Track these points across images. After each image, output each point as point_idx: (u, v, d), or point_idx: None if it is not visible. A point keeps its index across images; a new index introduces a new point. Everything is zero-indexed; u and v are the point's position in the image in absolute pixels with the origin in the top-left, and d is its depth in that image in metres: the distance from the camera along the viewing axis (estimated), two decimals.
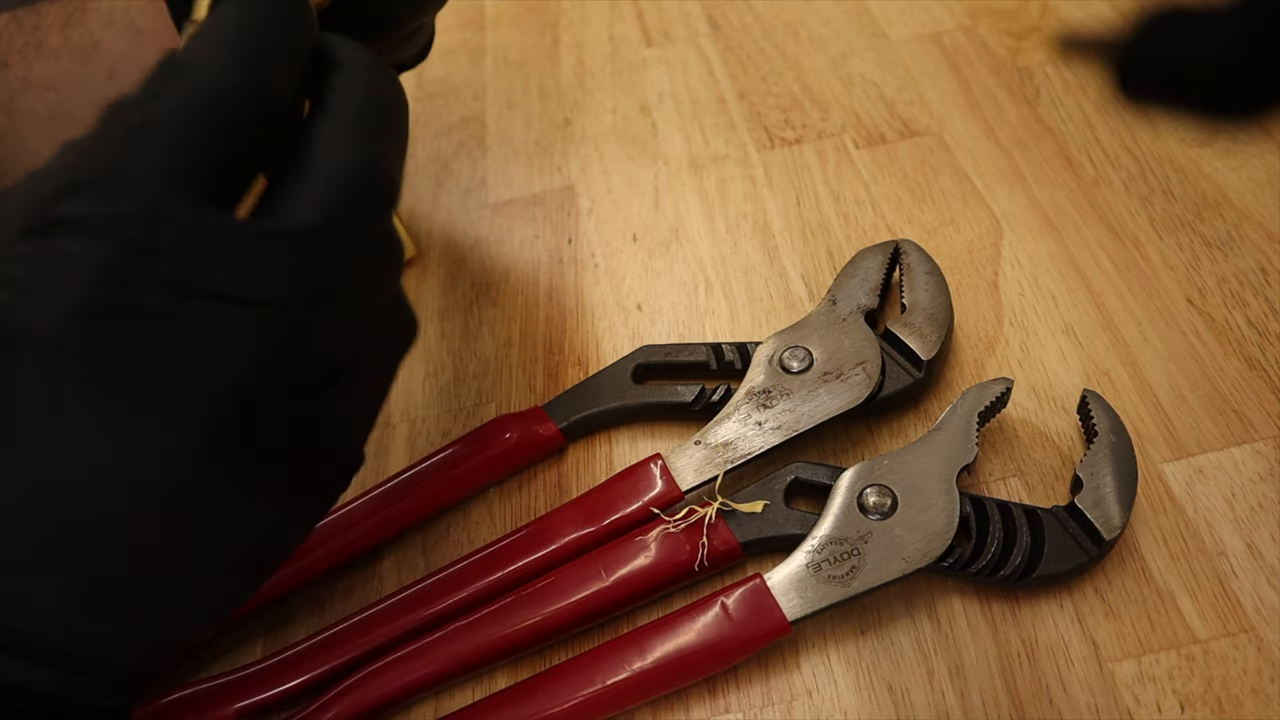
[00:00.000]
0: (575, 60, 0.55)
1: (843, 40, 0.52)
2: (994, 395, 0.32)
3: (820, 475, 0.33)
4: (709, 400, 0.36)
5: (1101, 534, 0.30)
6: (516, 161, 0.50)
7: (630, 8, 0.58)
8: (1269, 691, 0.28)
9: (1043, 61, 0.49)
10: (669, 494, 0.33)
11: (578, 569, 0.32)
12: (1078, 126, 0.45)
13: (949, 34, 0.51)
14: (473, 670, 0.32)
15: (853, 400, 0.34)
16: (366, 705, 0.31)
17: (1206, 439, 0.34)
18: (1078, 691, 0.29)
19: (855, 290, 0.37)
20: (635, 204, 0.46)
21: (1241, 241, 0.39)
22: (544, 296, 0.44)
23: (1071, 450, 0.34)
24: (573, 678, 0.30)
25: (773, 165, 0.47)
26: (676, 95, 0.52)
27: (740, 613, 0.30)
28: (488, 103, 0.54)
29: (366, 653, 0.33)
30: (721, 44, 0.54)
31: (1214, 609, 0.30)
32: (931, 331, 0.36)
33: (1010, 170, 0.44)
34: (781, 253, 0.43)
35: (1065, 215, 0.42)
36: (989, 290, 0.40)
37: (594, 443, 0.38)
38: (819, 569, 0.30)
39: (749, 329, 0.40)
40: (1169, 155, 0.43)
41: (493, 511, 0.37)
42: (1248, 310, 0.37)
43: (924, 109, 0.48)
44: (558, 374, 0.41)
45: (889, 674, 0.30)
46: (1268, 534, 0.31)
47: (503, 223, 0.47)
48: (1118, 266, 0.39)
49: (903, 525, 0.30)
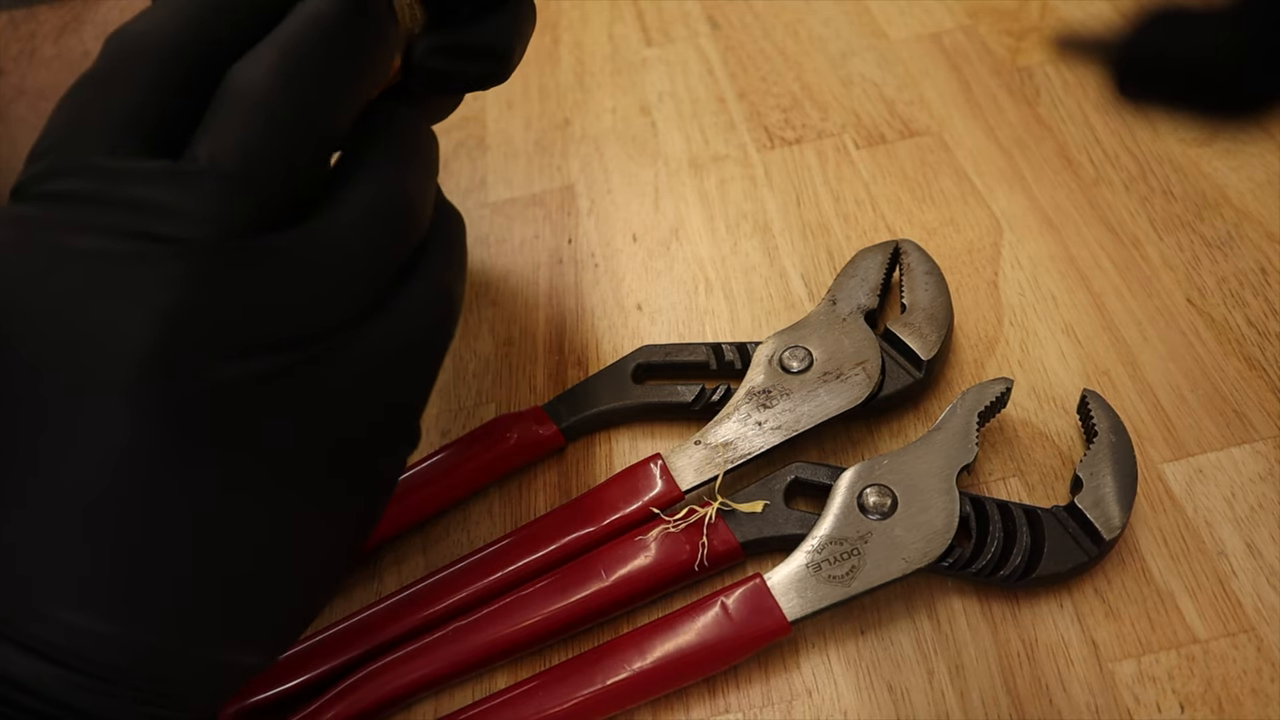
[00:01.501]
0: (575, 60, 0.55)
1: (843, 40, 0.52)
2: (994, 395, 0.32)
3: (820, 475, 0.33)
4: (709, 400, 0.36)
5: (1101, 534, 0.30)
6: (516, 161, 0.50)
7: (630, 8, 0.58)
8: (1269, 691, 0.28)
9: (1043, 61, 0.49)
10: (669, 494, 0.33)
11: (578, 569, 0.32)
12: (1078, 126, 0.45)
13: (949, 34, 0.51)
14: (473, 670, 0.32)
15: (853, 400, 0.34)
16: (366, 705, 0.31)
17: (1206, 439, 0.34)
18: (1078, 691, 0.29)
19: (855, 290, 0.37)
20: (635, 204, 0.47)
21: (1241, 241, 0.39)
22: (544, 296, 0.44)
23: (1071, 450, 0.34)
24: (573, 678, 0.30)
25: (773, 165, 0.47)
26: (676, 95, 0.52)
27: (740, 613, 0.30)
28: (487, 102, 0.54)
29: (366, 653, 0.33)
30: (721, 44, 0.54)
31: (1214, 609, 0.30)
32: (931, 331, 0.36)
33: (1010, 170, 0.44)
34: (781, 253, 0.43)
35: (1065, 215, 0.42)
36: (989, 290, 0.40)
37: (594, 443, 0.38)
38: (819, 569, 0.30)
39: (749, 329, 0.40)
40: (1169, 155, 0.43)
41: (493, 511, 0.37)
42: (1248, 310, 0.37)
43: (924, 109, 0.48)
44: (558, 374, 0.41)
45: (889, 674, 0.30)
46: (1268, 534, 0.31)
47: (502, 222, 0.47)
48: (1118, 266, 0.39)
49: (903, 525, 0.30)
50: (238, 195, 0.19)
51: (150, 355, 0.18)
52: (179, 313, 0.19)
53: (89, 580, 0.19)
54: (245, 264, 0.19)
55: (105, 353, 0.18)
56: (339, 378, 0.21)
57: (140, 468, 0.19)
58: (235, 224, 0.19)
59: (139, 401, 0.18)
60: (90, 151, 0.19)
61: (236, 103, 0.20)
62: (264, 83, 0.20)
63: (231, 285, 0.19)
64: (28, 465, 0.19)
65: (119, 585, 0.20)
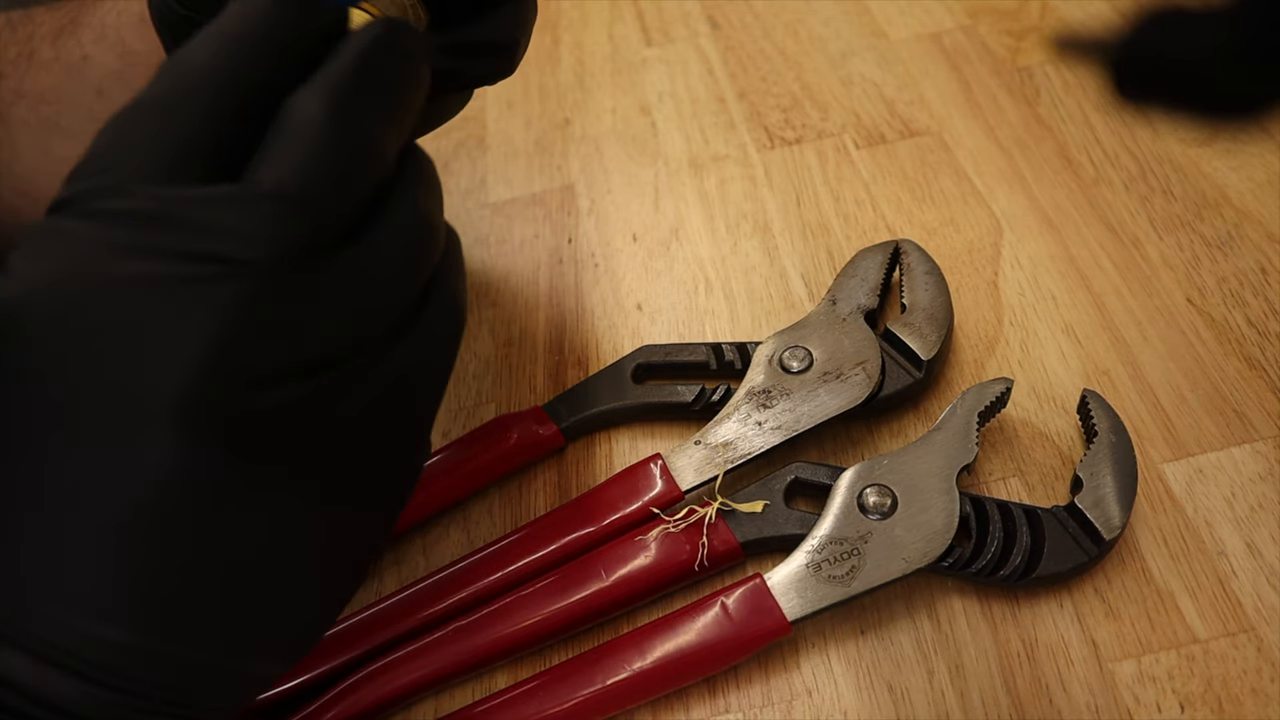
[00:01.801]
0: (575, 60, 0.55)
1: (843, 40, 0.52)
2: (994, 395, 0.32)
3: (820, 475, 0.33)
4: (709, 400, 0.36)
5: (1101, 534, 0.30)
6: (516, 161, 0.50)
7: (630, 8, 0.58)
8: (1269, 691, 0.28)
9: (1043, 61, 0.49)
10: (669, 494, 0.33)
11: (578, 569, 0.32)
12: (1078, 126, 0.45)
13: (949, 34, 0.51)
14: (473, 670, 0.32)
15: (853, 400, 0.34)
16: (366, 705, 0.31)
17: (1206, 439, 0.34)
18: (1078, 691, 0.29)
19: (855, 290, 0.37)
20: (635, 204, 0.47)
21: (1241, 241, 0.39)
22: (544, 296, 0.44)
23: (1071, 450, 0.34)
24: (573, 678, 0.30)
25: (773, 165, 0.47)
26: (676, 95, 0.52)
27: (740, 613, 0.30)
28: (487, 102, 0.54)
29: (366, 653, 0.33)
30: (721, 44, 0.54)
31: (1214, 609, 0.30)
32: (931, 331, 0.36)
33: (1010, 170, 0.44)
34: (781, 253, 0.43)
35: (1065, 215, 0.42)
36: (989, 290, 0.40)
37: (594, 443, 0.38)
38: (819, 569, 0.30)
39: (749, 329, 0.40)
40: (1169, 155, 0.43)
41: (493, 511, 0.37)
42: (1248, 310, 0.37)
43: (924, 109, 0.48)
44: (558, 374, 0.41)
45: (889, 674, 0.30)
46: (1268, 534, 0.31)
47: (502, 222, 0.47)
48: (1118, 266, 0.39)
49: (903, 525, 0.30)
50: (297, 218, 0.20)
51: (202, 374, 0.19)
52: (235, 332, 0.19)
53: (120, 594, 0.19)
54: (300, 285, 0.20)
55: (158, 371, 0.19)
56: (369, 394, 0.22)
57: (183, 487, 0.19)
58: (294, 246, 0.20)
59: (187, 419, 0.19)
60: (150, 174, 0.20)
61: (296, 131, 0.21)
62: (323, 114, 0.21)
63: (287, 305, 0.20)
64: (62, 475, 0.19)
65: (154, 601, 0.20)
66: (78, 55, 0.41)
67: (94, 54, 0.41)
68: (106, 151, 0.20)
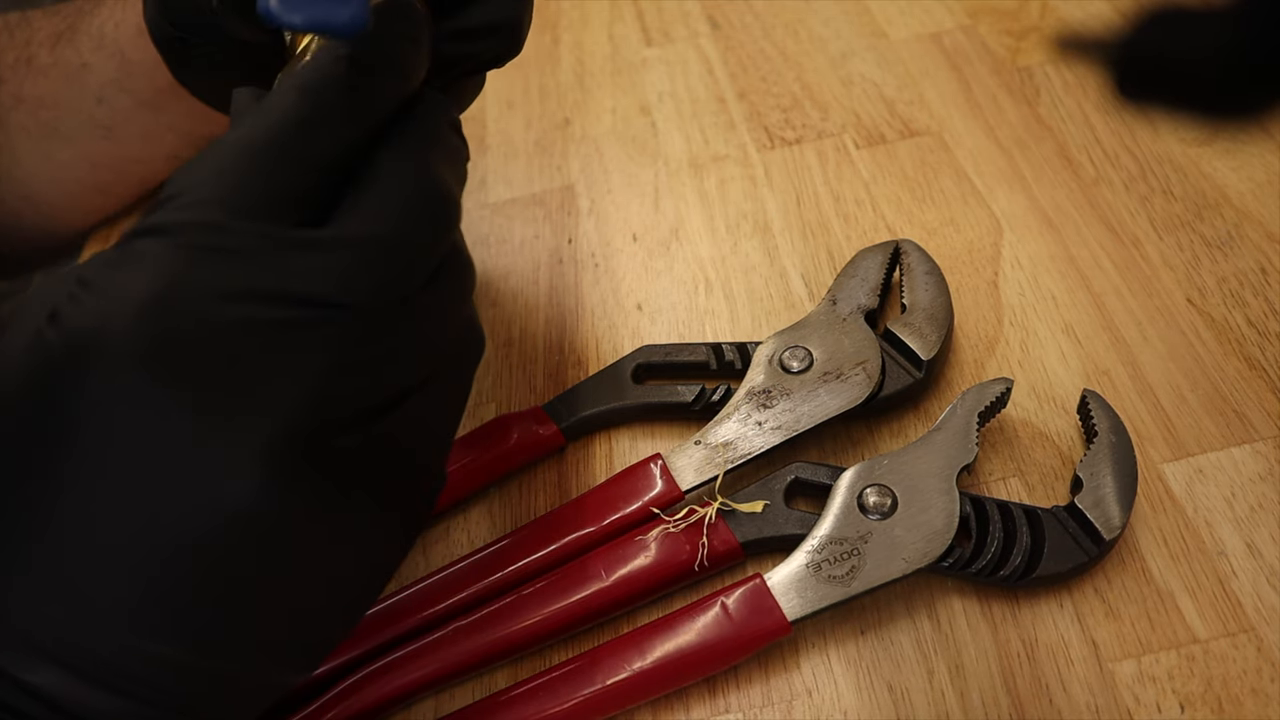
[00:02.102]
0: (575, 60, 0.55)
1: (843, 40, 0.52)
2: (994, 395, 0.32)
3: (820, 475, 0.33)
4: (709, 400, 0.36)
5: (1101, 534, 0.30)
6: (516, 161, 0.50)
7: (630, 8, 0.58)
8: (1269, 691, 0.28)
9: (1043, 61, 0.49)
10: (669, 494, 0.33)
11: (578, 569, 0.32)
12: (1078, 126, 0.45)
13: (949, 34, 0.51)
14: (473, 670, 0.32)
15: (853, 400, 0.34)
16: (366, 705, 0.31)
17: (1206, 439, 0.34)
18: (1078, 691, 0.29)
19: (855, 290, 0.37)
20: (635, 204, 0.46)
21: (1241, 241, 0.39)
22: (544, 296, 0.44)
23: (1071, 450, 0.34)
24: (573, 678, 0.30)
25: (773, 165, 0.47)
26: (676, 95, 0.52)
27: (740, 613, 0.30)
28: (487, 102, 0.54)
29: (366, 653, 0.33)
30: (721, 44, 0.54)
31: (1214, 609, 0.30)
32: (931, 331, 0.36)
33: (1010, 170, 0.44)
34: (781, 253, 0.43)
35: (1065, 215, 0.42)
36: (989, 290, 0.40)
37: (594, 443, 0.38)
38: (819, 569, 0.30)
39: (749, 329, 0.40)
40: (1169, 155, 0.43)
41: (493, 511, 0.37)
42: (1248, 310, 0.37)
43: (924, 109, 0.48)
44: (558, 374, 0.41)
45: (889, 674, 0.30)
46: (1268, 534, 0.31)
47: (502, 222, 0.47)
48: (1118, 266, 0.39)
49: (903, 525, 0.30)
50: (392, 264, 0.21)
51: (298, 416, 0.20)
52: (330, 376, 0.20)
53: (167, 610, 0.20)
54: (386, 327, 0.21)
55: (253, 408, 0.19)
56: (420, 419, 0.23)
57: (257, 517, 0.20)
58: (389, 290, 0.21)
59: (275, 458, 0.20)
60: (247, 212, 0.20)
61: (388, 183, 0.22)
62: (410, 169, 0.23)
63: (375, 346, 0.21)
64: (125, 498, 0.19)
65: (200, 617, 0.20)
66: (76, 62, 0.41)
67: (93, 62, 0.41)
68: (201, 186, 0.21)
